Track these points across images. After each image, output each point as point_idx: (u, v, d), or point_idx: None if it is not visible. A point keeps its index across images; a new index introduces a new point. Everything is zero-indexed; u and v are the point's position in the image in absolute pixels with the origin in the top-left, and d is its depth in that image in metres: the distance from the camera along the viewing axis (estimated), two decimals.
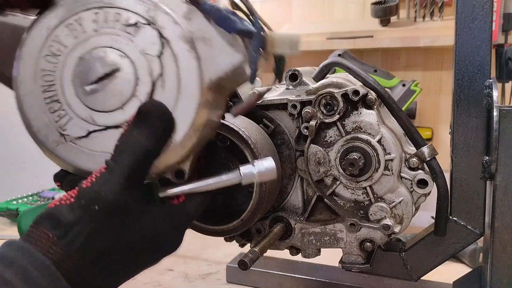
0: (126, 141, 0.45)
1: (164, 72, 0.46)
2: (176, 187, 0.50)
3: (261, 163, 0.51)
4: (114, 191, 0.44)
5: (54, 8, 0.48)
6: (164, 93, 0.47)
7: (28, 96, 0.49)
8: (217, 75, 0.47)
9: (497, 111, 0.63)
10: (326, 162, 0.68)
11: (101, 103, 0.47)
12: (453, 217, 0.69)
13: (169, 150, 0.47)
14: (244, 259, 0.61)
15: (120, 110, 0.47)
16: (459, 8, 0.66)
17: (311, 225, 0.71)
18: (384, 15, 1.42)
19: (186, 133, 0.47)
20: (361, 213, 0.69)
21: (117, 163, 0.45)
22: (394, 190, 0.67)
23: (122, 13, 0.47)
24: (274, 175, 0.52)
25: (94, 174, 0.45)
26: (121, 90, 0.47)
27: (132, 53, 0.47)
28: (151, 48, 0.47)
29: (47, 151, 0.49)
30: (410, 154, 0.67)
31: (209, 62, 0.47)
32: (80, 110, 0.48)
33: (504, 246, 0.66)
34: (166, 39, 0.46)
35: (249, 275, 0.93)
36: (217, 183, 0.52)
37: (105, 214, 0.44)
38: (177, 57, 0.46)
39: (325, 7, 1.61)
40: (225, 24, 0.46)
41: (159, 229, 0.48)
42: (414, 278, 0.72)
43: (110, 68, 0.47)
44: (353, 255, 0.71)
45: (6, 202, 1.41)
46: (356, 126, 0.67)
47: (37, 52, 0.48)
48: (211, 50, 0.47)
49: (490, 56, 0.66)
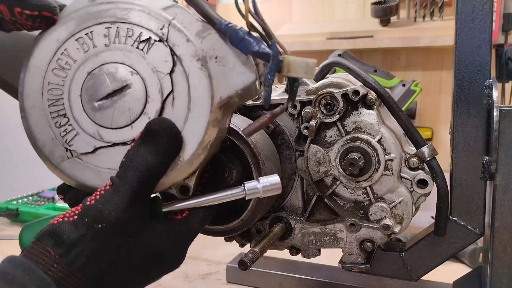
0: (132, 158, 0.45)
1: (174, 90, 0.46)
2: (180, 202, 0.50)
3: (266, 179, 0.51)
4: (118, 210, 0.43)
5: (64, 21, 0.47)
6: (173, 111, 0.46)
7: (34, 110, 0.48)
8: (228, 94, 0.47)
9: (497, 111, 0.63)
10: (326, 162, 0.68)
11: (110, 119, 0.46)
12: (453, 217, 0.69)
13: (176, 168, 0.46)
14: (244, 259, 0.61)
15: (129, 127, 0.46)
16: (459, 8, 0.66)
17: (311, 225, 0.71)
18: (384, 15, 1.42)
19: (194, 152, 0.46)
20: (361, 213, 0.69)
21: (122, 181, 0.44)
22: (394, 190, 0.67)
23: (135, 29, 0.46)
24: (279, 190, 0.51)
25: (99, 191, 0.44)
26: (131, 107, 0.46)
27: (143, 70, 0.46)
28: (163, 65, 0.46)
29: (51, 166, 0.49)
30: (410, 154, 0.67)
31: (221, 81, 0.46)
32: (87, 125, 0.47)
33: (504, 246, 0.66)
34: (178, 56, 0.46)
35: (249, 275, 0.93)
36: (221, 197, 0.51)
37: (109, 233, 0.43)
38: (188, 75, 0.46)
39: (325, 7, 1.61)
40: (241, 46, 0.46)
41: (162, 245, 0.47)
42: (414, 278, 0.72)
43: (120, 84, 0.46)
44: (353, 255, 0.71)
45: (6, 202, 1.41)
46: (356, 126, 0.67)
47: (45, 65, 0.47)
48: (223, 69, 0.47)
49: (490, 56, 0.66)
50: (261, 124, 0.49)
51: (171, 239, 0.48)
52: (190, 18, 0.47)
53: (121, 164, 0.45)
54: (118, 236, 0.44)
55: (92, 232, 0.42)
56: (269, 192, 0.51)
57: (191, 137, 0.46)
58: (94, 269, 0.43)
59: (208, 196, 0.50)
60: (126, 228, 0.44)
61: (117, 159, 0.46)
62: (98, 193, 0.44)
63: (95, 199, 0.44)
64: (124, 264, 0.45)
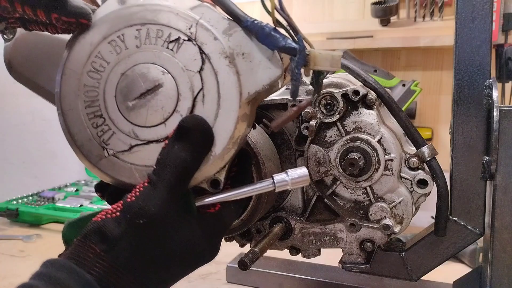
0: (168, 155, 0.46)
1: (204, 87, 0.47)
2: (212, 196, 0.51)
3: (294, 171, 0.52)
4: (158, 205, 0.45)
5: (97, 24, 0.49)
6: (204, 107, 0.48)
7: (71, 111, 0.49)
8: (255, 90, 0.48)
9: (497, 111, 0.63)
10: (326, 162, 0.68)
11: (144, 118, 0.48)
12: (453, 217, 0.69)
13: (209, 163, 0.48)
14: (244, 259, 0.61)
15: (162, 125, 0.48)
16: (459, 8, 0.66)
17: (311, 225, 0.71)
18: (384, 15, 1.42)
19: (225, 147, 0.48)
20: (361, 213, 0.69)
21: (159, 177, 0.46)
22: (394, 190, 0.67)
23: (164, 30, 0.48)
24: (307, 181, 0.52)
25: (138, 188, 0.46)
26: (163, 105, 0.48)
27: (174, 69, 0.48)
28: (192, 64, 0.47)
29: (90, 165, 0.50)
30: (410, 154, 0.67)
31: (248, 77, 0.48)
32: (123, 125, 0.48)
33: (504, 246, 0.66)
34: (206, 54, 0.47)
35: (249, 275, 0.93)
36: (251, 190, 0.52)
37: (149, 228, 0.44)
38: (217, 73, 0.47)
39: (325, 7, 1.61)
40: (267, 41, 0.47)
41: (198, 238, 0.49)
42: (414, 278, 0.72)
43: (153, 84, 0.47)
44: (353, 255, 0.71)
45: (6, 202, 1.41)
46: (356, 126, 0.67)
47: (80, 68, 0.49)
48: (250, 65, 0.48)
49: (490, 56, 0.66)
50: (288, 117, 0.51)
51: (206, 233, 0.50)
52: (216, 16, 0.49)
53: (157, 161, 0.47)
54: (158, 231, 0.45)
55: (134, 228, 0.44)
56: (297, 184, 0.52)
57: (221, 133, 0.48)
58: (136, 264, 0.45)
59: (238, 190, 0.52)
60: (165, 222, 0.45)
61: (152, 156, 0.48)
62: (137, 190, 0.46)
63: (135, 195, 0.45)
64: (163, 258, 0.46)
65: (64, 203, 1.41)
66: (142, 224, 0.44)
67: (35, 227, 1.33)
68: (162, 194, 0.45)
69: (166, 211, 0.45)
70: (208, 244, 0.50)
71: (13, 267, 1.05)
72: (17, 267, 1.05)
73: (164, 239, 0.46)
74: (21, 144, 1.98)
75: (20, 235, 1.24)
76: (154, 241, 0.45)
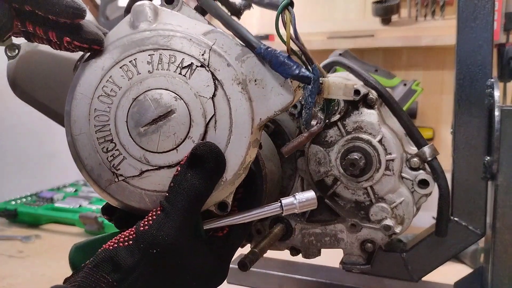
0: (180, 183, 0.46)
1: (217, 113, 0.47)
2: (221, 220, 0.51)
3: (302, 195, 0.52)
4: (171, 234, 0.44)
5: (109, 49, 0.49)
6: (216, 134, 0.47)
7: (81, 136, 0.49)
8: (267, 116, 0.48)
9: (499, 111, 0.63)
10: (326, 162, 0.68)
11: (155, 144, 0.48)
12: (454, 217, 0.69)
13: (220, 189, 0.48)
14: (244, 260, 0.61)
15: (174, 151, 0.48)
16: (461, 7, 0.66)
17: (312, 226, 0.71)
18: (385, 14, 1.42)
19: (236, 172, 0.48)
20: (362, 213, 0.69)
21: (172, 206, 0.45)
22: (395, 190, 0.67)
23: (177, 55, 0.48)
24: (315, 205, 0.52)
25: (151, 216, 0.45)
26: (176, 131, 0.47)
27: (187, 95, 0.47)
28: (205, 90, 0.47)
29: (99, 190, 0.50)
30: (411, 154, 0.67)
31: (260, 103, 0.48)
32: (134, 150, 0.48)
33: (505, 247, 0.65)
34: (219, 81, 0.47)
35: (249, 276, 0.92)
36: (259, 214, 0.52)
37: (163, 257, 0.44)
38: (230, 99, 0.47)
39: (325, 6, 1.61)
40: (281, 69, 0.47)
41: (208, 263, 0.49)
42: (415, 278, 0.71)
43: (165, 110, 0.47)
44: (354, 256, 0.70)
45: (5, 202, 1.41)
46: (357, 126, 0.67)
47: (91, 93, 0.48)
48: (263, 91, 0.48)
49: (491, 55, 0.66)
50: (299, 143, 0.52)
51: (215, 256, 0.50)
52: (229, 42, 0.49)
53: (169, 189, 0.46)
54: (171, 260, 0.45)
55: (148, 257, 0.44)
56: (305, 208, 0.52)
57: (233, 159, 0.48)
58: None
59: (247, 213, 0.52)
60: (178, 251, 0.45)
61: (163, 181, 0.48)
62: (150, 218, 0.45)
63: (148, 224, 0.45)
64: (176, 286, 0.47)
65: (63, 203, 1.41)
66: (156, 254, 0.44)
67: (33, 227, 1.33)
68: (175, 223, 0.45)
69: (180, 240, 0.45)
70: (218, 268, 0.50)
71: (12, 268, 1.05)
72: (16, 268, 1.04)
73: (177, 267, 0.46)
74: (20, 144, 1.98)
75: (18, 236, 1.23)
76: (168, 269, 0.45)
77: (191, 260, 0.47)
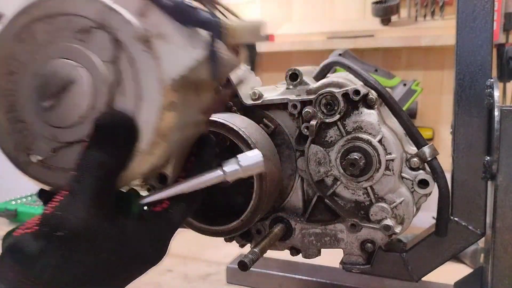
0: (86, 159, 0.42)
1: (121, 77, 0.43)
2: (156, 193, 0.47)
3: (245, 156, 0.48)
4: (78, 215, 0.40)
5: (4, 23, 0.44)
6: (123, 100, 0.43)
7: None
8: (179, 73, 0.43)
9: (499, 111, 0.63)
10: (326, 162, 0.68)
11: (60, 119, 0.44)
12: (454, 217, 0.69)
13: (136, 160, 0.43)
14: (244, 260, 0.61)
15: (81, 124, 0.43)
16: (460, 7, 0.66)
17: (312, 226, 0.71)
18: (385, 14, 1.42)
19: (151, 140, 0.43)
20: (362, 213, 0.69)
21: (79, 184, 0.41)
22: (395, 190, 0.67)
23: (72, 19, 0.43)
24: (261, 167, 0.48)
25: (57, 197, 0.42)
26: (78, 103, 0.43)
27: (86, 62, 0.43)
28: (105, 53, 0.43)
29: (21, 172, 0.47)
30: (411, 154, 0.67)
31: (169, 61, 0.43)
32: (41, 128, 0.44)
33: (505, 247, 0.65)
34: (120, 41, 0.43)
35: (249, 276, 0.92)
36: (199, 183, 0.48)
37: (72, 240, 0.40)
38: (133, 60, 0.42)
39: (325, 7, 1.61)
40: (180, 17, 0.43)
41: (139, 242, 0.45)
42: (415, 278, 0.71)
43: (65, 80, 0.43)
44: (354, 256, 0.70)
45: (5, 202, 1.41)
46: (357, 126, 0.67)
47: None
48: (169, 47, 0.43)
49: (491, 55, 0.66)
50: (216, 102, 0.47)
51: (149, 233, 0.46)
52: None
53: (76, 166, 0.42)
54: (83, 242, 0.41)
55: (54, 242, 0.40)
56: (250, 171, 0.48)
57: (145, 126, 0.43)
58: (64, 279, 0.41)
59: (184, 183, 0.48)
60: (90, 232, 0.41)
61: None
62: (57, 200, 0.42)
63: (53, 206, 0.41)
64: (97, 269, 0.42)
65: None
66: (63, 237, 0.40)
67: None
68: (83, 202, 0.41)
69: (91, 219, 0.41)
70: (150, 247, 0.46)
71: None
72: None
73: (94, 249, 0.42)
74: None
75: None
76: (81, 253, 0.41)
77: (114, 240, 0.43)
